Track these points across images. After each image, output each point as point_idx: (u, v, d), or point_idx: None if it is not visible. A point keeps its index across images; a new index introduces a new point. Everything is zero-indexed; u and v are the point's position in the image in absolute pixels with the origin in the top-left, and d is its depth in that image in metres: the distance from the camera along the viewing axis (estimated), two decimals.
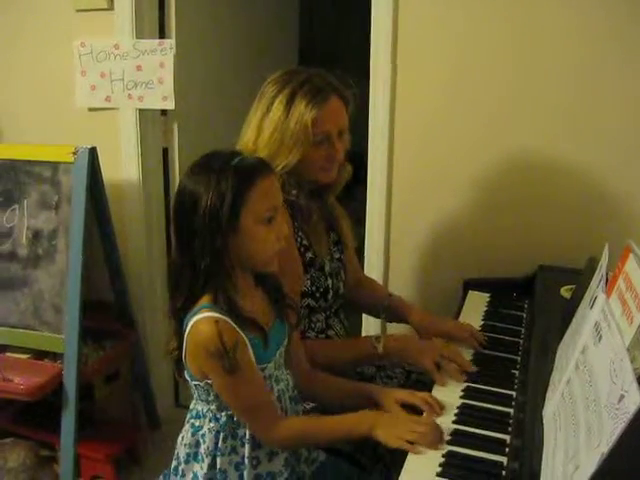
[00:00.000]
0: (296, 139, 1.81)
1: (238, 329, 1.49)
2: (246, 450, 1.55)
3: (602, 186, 2.30)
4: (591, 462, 1.00)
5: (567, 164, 2.32)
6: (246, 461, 1.55)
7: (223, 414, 1.55)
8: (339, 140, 1.90)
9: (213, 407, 1.55)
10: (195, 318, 1.49)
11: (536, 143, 2.35)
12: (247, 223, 1.48)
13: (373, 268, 2.61)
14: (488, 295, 2.28)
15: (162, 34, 2.89)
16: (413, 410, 1.62)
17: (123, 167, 2.92)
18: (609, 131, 2.26)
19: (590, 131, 2.28)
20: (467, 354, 1.88)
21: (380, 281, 2.55)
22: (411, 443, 1.46)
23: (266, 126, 1.83)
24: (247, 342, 1.50)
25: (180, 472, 1.61)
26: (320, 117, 1.82)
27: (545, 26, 2.26)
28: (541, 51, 2.28)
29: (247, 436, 1.55)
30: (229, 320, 1.48)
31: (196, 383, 1.54)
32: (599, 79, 2.24)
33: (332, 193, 2.05)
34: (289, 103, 1.82)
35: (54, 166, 2.62)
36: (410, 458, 1.43)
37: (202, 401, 1.57)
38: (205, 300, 1.50)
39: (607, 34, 2.21)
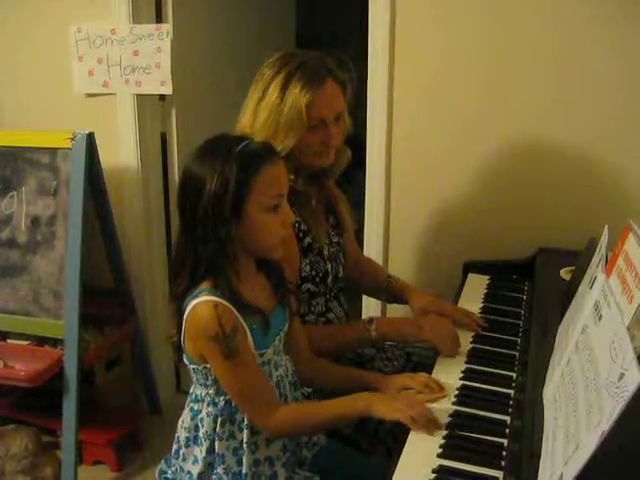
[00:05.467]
0: (291, 124, 1.79)
1: (238, 315, 1.48)
2: (244, 435, 1.55)
3: (601, 167, 2.29)
4: (591, 441, 1.00)
5: (566, 145, 2.32)
6: (244, 446, 1.55)
7: (221, 399, 1.55)
8: (336, 125, 1.88)
9: (211, 391, 1.55)
10: (194, 301, 1.48)
11: (534, 126, 2.34)
12: (252, 211, 1.47)
13: (373, 252, 2.61)
14: (488, 277, 2.28)
15: (159, 19, 2.87)
16: None
17: (121, 152, 2.91)
18: (608, 112, 2.25)
19: (589, 112, 2.27)
20: (467, 336, 1.88)
21: (380, 264, 2.55)
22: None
23: (262, 110, 1.82)
24: (246, 328, 1.50)
25: (181, 456, 1.62)
26: (315, 102, 1.80)
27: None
28: (538, 31, 2.27)
29: (245, 421, 1.55)
30: (229, 305, 1.47)
31: (194, 367, 1.54)
32: (596, 61, 2.23)
33: (330, 177, 2.04)
34: (284, 88, 1.80)
35: (52, 152, 2.62)
36: (411, 439, 1.44)
37: (201, 385, 1.57)
38: (206, 284, 1.49)
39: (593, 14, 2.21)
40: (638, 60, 2.19)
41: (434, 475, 1.33)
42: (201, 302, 1.47)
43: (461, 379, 1.68)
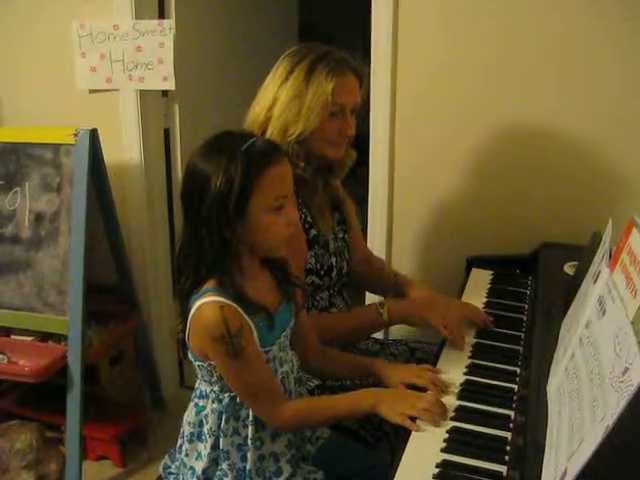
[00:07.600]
0: (314, 107, 1.81)
1: (243, 313, 1.48)
2: (249, 432, 1.56)
3: (606, 161, 2.29)
4: (596, 435, 1.00)
5: (570, 140, 2.31)
6: (249, 442, 1.56)
7: (226, 395, 1.55)
8: (351, 116, 1.91)
9: (216, 388, 1.55)
10: (200, 301, 1.47)
11: (538, 120, 2.34)
12: (256, 212, 1.46)
13: (376, 248, 2.60)
14: (491, 272, 2.27)
15: (162, 14, 2.87)
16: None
17: (124, 148, 2.91)
18: (614, 105, 2.24)
19: (594, 105, 2.26)
20: (471, 332, 1.88)
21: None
22: (414, 419, 1.46)
23: (284, 94, 1.83)
24: (252, 327, 1.50)
25: (184, 451, 1.62)
26: (339, 88, 1.82)
27: None
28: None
29: (250, 418, 1.55)
30: (234, 305, 1.47)
31: (199, 364, 1.54)
32: (598, 56, 2.22)
33: (337, 176, 2.04)
34: (310, 72, 1.82)
35: (55, 148, 2.62)
36: (414, 434, 1.44)
37: (205, 382, 1.57)
38: (210, 283, 1.48)
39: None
40: None
41: (438, 470, 1.33)
42: (207, 302, 1.46)
43: (465, 374, 1.67)
